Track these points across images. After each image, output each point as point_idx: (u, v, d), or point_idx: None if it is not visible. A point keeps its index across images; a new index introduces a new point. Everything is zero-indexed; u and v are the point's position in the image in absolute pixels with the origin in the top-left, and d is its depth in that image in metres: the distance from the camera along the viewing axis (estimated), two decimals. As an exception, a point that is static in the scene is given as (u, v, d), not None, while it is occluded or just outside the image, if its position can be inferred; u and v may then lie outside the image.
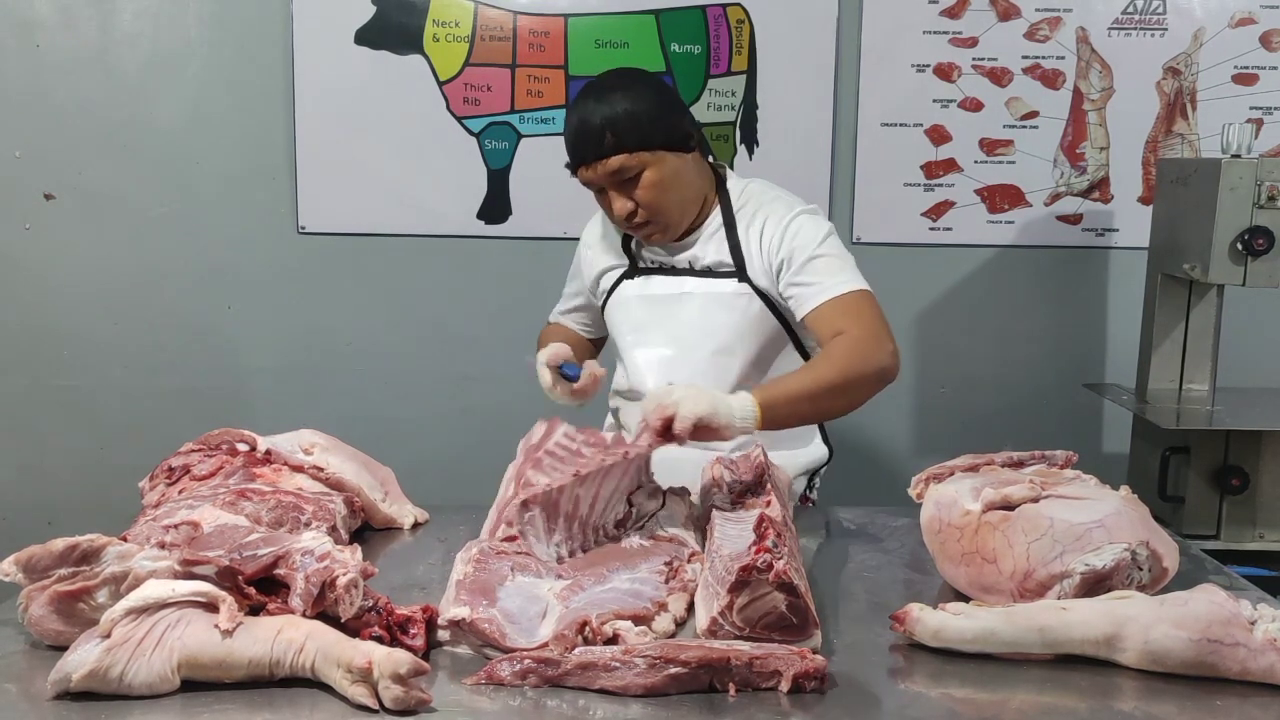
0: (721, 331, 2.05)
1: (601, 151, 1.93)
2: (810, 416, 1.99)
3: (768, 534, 1.41)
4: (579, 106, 1.97)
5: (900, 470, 3.18)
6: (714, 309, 2.05)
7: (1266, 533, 2.49)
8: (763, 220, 2.04)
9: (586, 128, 1.93)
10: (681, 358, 2.06)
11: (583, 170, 1.97)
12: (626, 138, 1.93)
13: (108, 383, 3.14)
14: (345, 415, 2.90)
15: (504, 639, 1.36)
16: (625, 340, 2.14)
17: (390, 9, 3.00)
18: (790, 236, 1.99)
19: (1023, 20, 3.01)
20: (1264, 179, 2.37)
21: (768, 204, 2.06)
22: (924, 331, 3.16)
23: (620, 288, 2.15)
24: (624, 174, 1.94)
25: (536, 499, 1.63)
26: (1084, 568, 1.42)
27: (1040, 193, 3.09)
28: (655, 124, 1.95)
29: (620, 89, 1.96)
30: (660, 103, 1.99)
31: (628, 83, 1.99)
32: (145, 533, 1.51)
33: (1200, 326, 2.66)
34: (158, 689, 1.26)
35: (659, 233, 2.03)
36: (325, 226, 3.09)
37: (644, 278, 2.12)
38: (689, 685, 1.28)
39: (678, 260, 2.09)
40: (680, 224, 2.04)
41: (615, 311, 2.16)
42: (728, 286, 2.05)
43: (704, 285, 2.06)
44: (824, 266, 1.96)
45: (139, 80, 3.03)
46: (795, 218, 2.01)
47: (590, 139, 1.93)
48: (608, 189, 1.98)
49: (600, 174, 1.95)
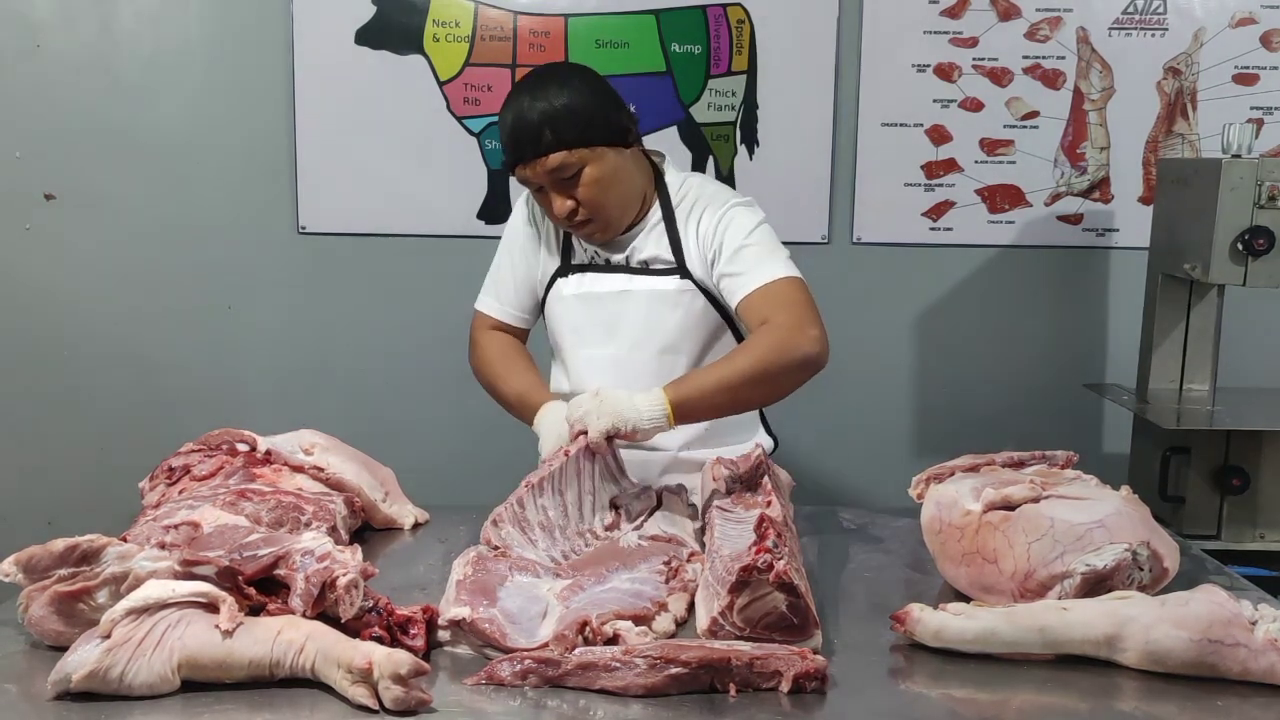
0: (667, 330, 2.01)
1: (540, 149, 1.87)
2: (729, 408, 1.89)
3: (768, 534, 1.40)
4: (514, 103, 1.90)
5: (900, 470, 3.17)
6: (658, 307, 2.01)
7: (1267, 533, 2.49)
8: (700, 212, 2.01)
9: (523, 125, 1.87)
10: (627, 358, 2.02)
11: (521, 169, 1.91)
12: (565, 134, 1.87)
13: (108, 383, 3.14)
14: (345, 415, 2.90)
15: (504, 639, 1.36)
16: (566, 341, 2.08)
17: (390, 9, 3.00)
18: (724, 228, 1.97)
19: (1023, 20, 3.01)
20: (1264, 179, 2.37)
21: (705, 197, 2.03)
22: (924, 331, 3.16)
23: (556, 285, 2.08)
24: (564, 172, 1.89)
25: (503, 516, 1.67)
26: (1085, 568, 1.42)
27: (1041, 193, 3.09)
28: (594, 119, 1.90)
29: (555, 84, 1.90)
30: (598, 97, 1.93)
31: (563, 78, 1.93)
32: (145, 533, 1.51)
33: (1201, 326, 2.66)
34: (158, 689, 1.26)
35: (600, 231, 1.98)
36: (325, 226, 3.09)
37: (580, 275, 2.06)
38: (689, 685, 1.28)
39: (616, 257, 2.04)
40: (622, 221, 2.00)
41: (553, 309, 2.09)
42: (670, 284, 2.01)
43: (646, 283, 2.02)
44: (753, 255, 1.94)
45: (139, 80, 3.03)
46: (729, 209, 1.99)
47: (528, 136, 1.87)
48: (547, 188, 1.92)
49: (539, 172, 1.89)
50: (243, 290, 3.13)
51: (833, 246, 3.11)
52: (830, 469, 3.11)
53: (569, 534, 1.68)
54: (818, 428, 3.16)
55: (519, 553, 1.62)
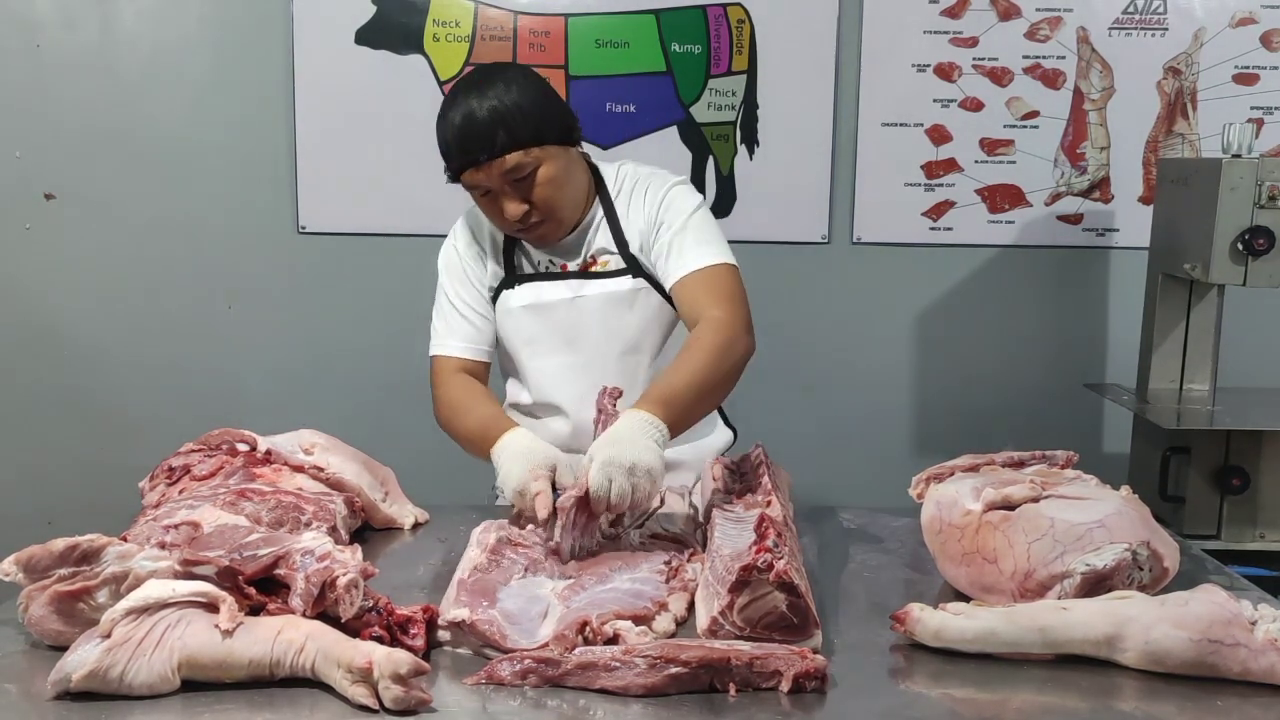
0: (626, 331, 1.99)
1: (494, 150, 1.82)
2: (700, 415, 1.84)
3: (768, 534, 1.40)
4: (459, 105, 1.84)
5: (900, 470, 3.16)
6: (615, 309, 1.99)
7: (1267, 533, 2.49)
8: (642, 193, 2.00)
9: (474, 125, 1.81)
10: (589, 363, 1.99)
11: (471, 173, 1.85)
12: (519, 133, 1.82)
13: (108, 383, 3.14)
14: (345, 415, 2.90)
15: (504, 640, 1.36)
16: (520, 353, 2.04)
17: (391, 9, 3.00)
18: (664, 207, 1.96)
19: (1023, 20, 3.01)
20: (1264, 179, 2.37)
21: (643, 178, 2.02)
22: (924, 331, 3.16)
23: (501, 299, 2.03)
24: (519, 172, 1.84)
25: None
26: (1084, 568, 1.42)
27: (1041, 193, 3.09)
28: (545, 117, 1.87)
29: (501, 83, 1.85)
30: (545, 95, 1.90)
31: (508, 77, 1.87)
32: (145, 533, 1.51)
33: (1201, 326, 2.66)
34: (158, 689, 1.26)
35: (552, 232, 1.95)
36: (325, 226, 3.09)
37: (526, 285, 2.01)
38: (689, 685, 1.28)
39: (570, 263, 2.01)
40: (571, 220, 1.97)
41: (502, 323, 2.04)
42: (624, 284, 1.99)
43: (599, 286, 1.99)
44: (692, 238, 1.93)
45: (139, 80, 3.03)
46: (671, 188, 1.99)
47: (480, 137, 1.81)
48: (498, 191, 1.87)
49: (493, 175, 1.84)
50: (243, 290, 3.13)
51: (833, 246, 3.11)
52: (830, 469, 3.11)
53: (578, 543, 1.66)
54: (818, 427, 3.16)
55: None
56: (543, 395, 2.04)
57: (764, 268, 3.10)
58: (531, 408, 2.07)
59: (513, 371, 2.10)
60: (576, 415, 2.00)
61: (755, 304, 1.97)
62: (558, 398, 2.02)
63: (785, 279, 3.09)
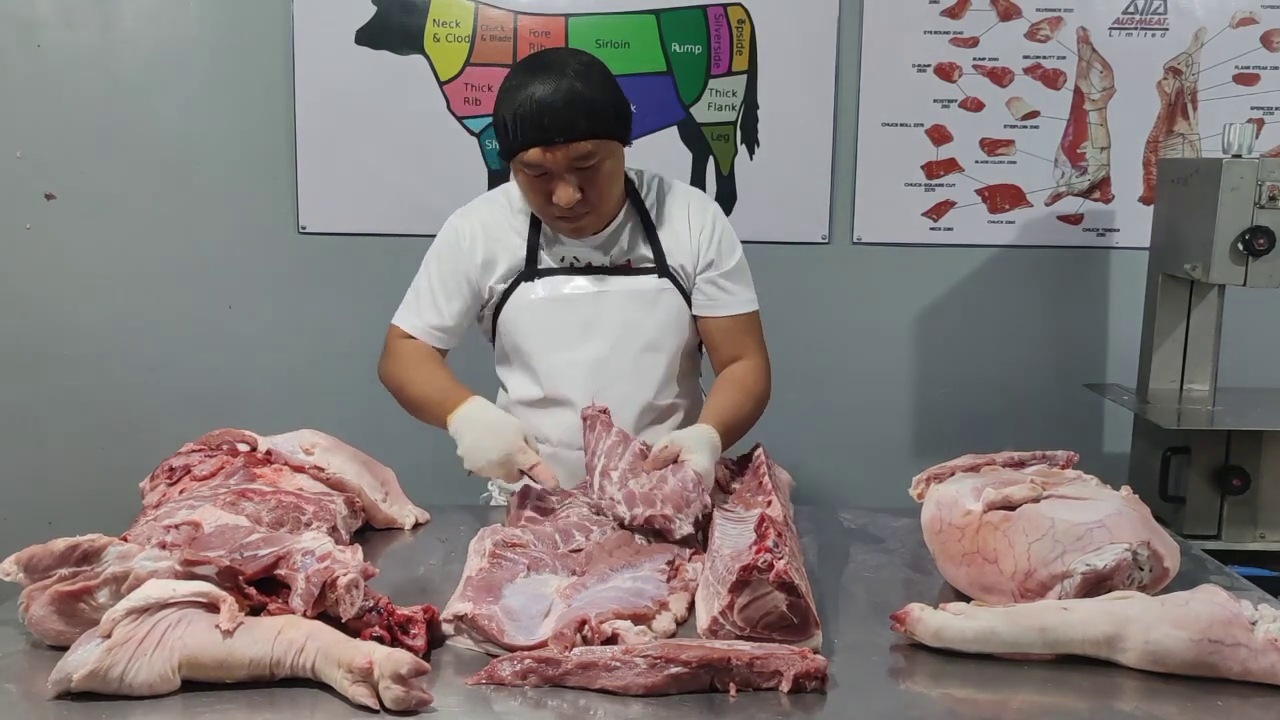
0: (647, 328, 2.01)
1: (573, 133, 1.81)
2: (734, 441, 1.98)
3: (768, 534, 1.40)
4: (538, 81, 1.81)
5: (900, 470, 3.15)
6: (637, 306, 2.01)
7: (1267, 533, 2.49)
8: (684, 210, 2.04)
9: (555, 106, 1.79)
10: (608, 358, 2.00)
11: (539, 152, 1.82)
12: (598, 123, 1.83)
13: (108, 383, 3.14)
14: (345, 415, 2.89)
15: (503, 636, 1.36)
16: (534, 345, 2.03)
17: (391, 9, 3.00)
18: (719, 236, 2.04)
19: (1023, 20, 3.01)
20: (1265, 179, 2.37)
21: (680, 193, 2.07)
22: (924, 331, 3.16)
23: (520, 291, 2.02)
24: (585, 160, 1.84)
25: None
26: (1085, 568, 1.42)
27: (1041, 193, 3.09)
28: (619, 112, 1.88)
29: (579, 67, 1.84)
30: (618, 91, 1.90)
31: (585, 62, 1.87)
32: (146, 533, 1.51)
33: (1201, 326, 2.66)
34: (158, 689, 1.26)
35: (593, 224, 1.96)
36: (325, 226, 3.09)
37: (548, 279, 2.01)
38: (690, 685, 1.28)
39: (597, 259, 2.02)
40: (611, 216, 1.98)
41: (518, 316, 2.02)
42: (648, 283, 2.01)
43: (623, 283, 2.01)
44: (741, 278, 2.07)
45: (139, 80, 3.03)
46: (718, 216, 2.07)
47: (559, 118, 1.80)
48: (558, 174, 1.85)
49: (563, 157, 1.83)
50: (243, 290, 3.13)
51: (833, 246, 3.11)
52: (830, 469, 3.11)
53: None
54: (818, 427, 3.16)
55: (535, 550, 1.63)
56: (555, 389, 2.02)
57: (764, 268, 3.08)
58: (541, 402, 2.06)
59: (520, 366, 2.07)
60: None
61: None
62: (572, 392, 2.01)
63: (785, 279, 3.09)
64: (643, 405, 2.02)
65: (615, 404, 1.93)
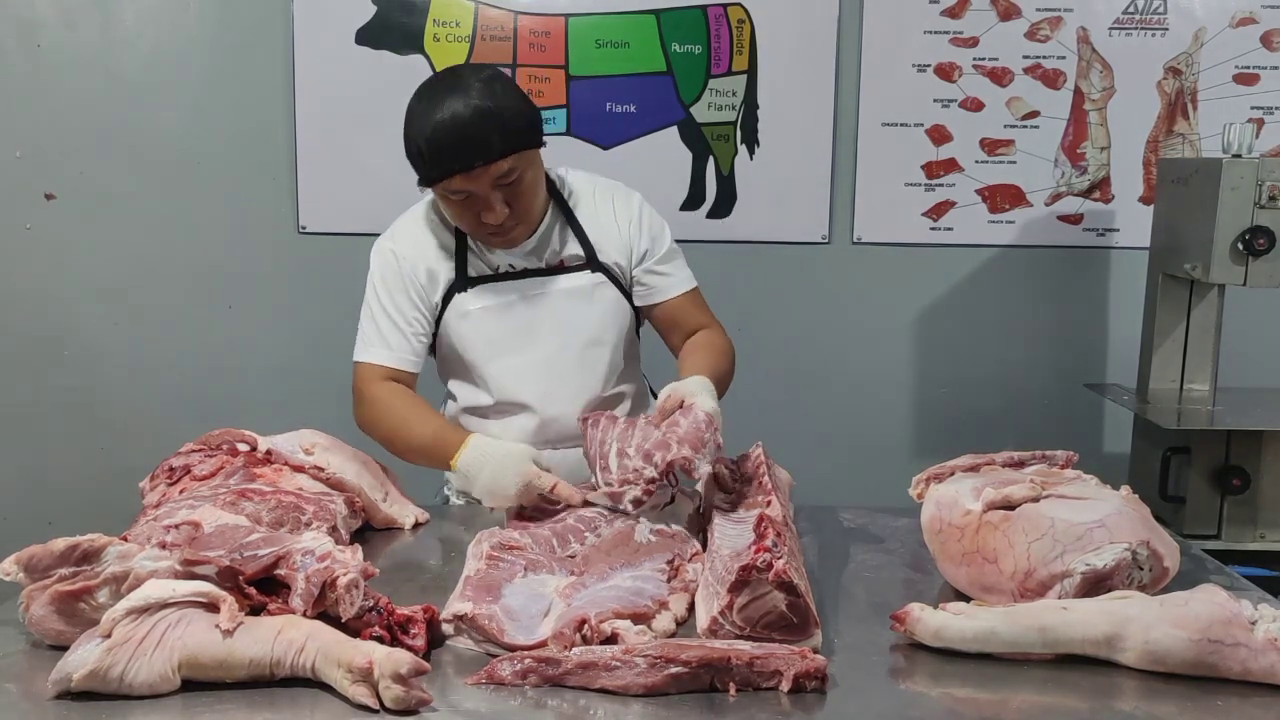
0: (588, 324, 2.03)
1: (491, 154, 1.80)
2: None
3: (767, 533, 1.40)
4: (441, 106, 1.80)
5: (900, 470, 3.15)
6: (575, 303, 2.02)
7: (1267, 533, 2.49)
8: (609, 204, 2.06)
9: (465, 129, 1.78)
10: (554, 357, 2.02)
11: (461, 179, 1.82)
12: (512, 138, 1.82)
13: (108, 383, 3.14)
14: (346, 415, 2.88)
15: (502, 635, 1.36)
16: (478, 354, 2.02)
17: (391, 9, 3.00)
18: (648, 225, 2.07)
19: (1023, 20, 3.01)
20: (1265, 179, 2.37)
21: (601, 188, 2.08)
22: (924, 331, 3.16)
23: (455, 303, 2.01)
24: (508, 177, 1.83)
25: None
26: (1085, 567, 1.42)
27: (1041, 193, 3.09)
28: (531, 121, 1.87)
29: (479, 83, 1.82)
30: (524, 99, 1.89)
31: (485, 77, 1.85)
32: (146, 533, 1.51)
33: (1201, 326, 2.66)
34: (158, 689, 1.26)
35: (522, 235, 1.96)
36: (325, 226, 3.09)
37: (480, 288, 2.01)
38: (689, 685, 1.28)
39: (533, 263, 2.02)
40: (538, 221, 1.99)
41: (458, 327, 2.02)
42: (583, 279, 2.02)
43: (559, 283, 2.01)
44: (676, 259, 2.10)
45: (139, 80, 3.03)
46: (643, 205, 2.09)
47: (472, 141, 1.78)
48: (482, 196, 1.85)
49: (485, 179, 1.82)
50: (243, 290, 3.13)
51: (833, 246, 3.11)
52: (830, 469, 3.11)
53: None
54: (818, 427, 3.16)
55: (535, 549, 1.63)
56: (506, 394, 2.03)
57: (764, 268, 3.11)
58: (492, 408, 2.06)
59: (465, 376, 2.08)
60: (543, 410, 2.02)
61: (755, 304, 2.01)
62: (523, 395, 2.02)
63: (785, 279, 3.09)
64: (591, 398, 2.04)
65: (566, 399, 2.00)
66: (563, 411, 2.01)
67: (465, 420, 2.08)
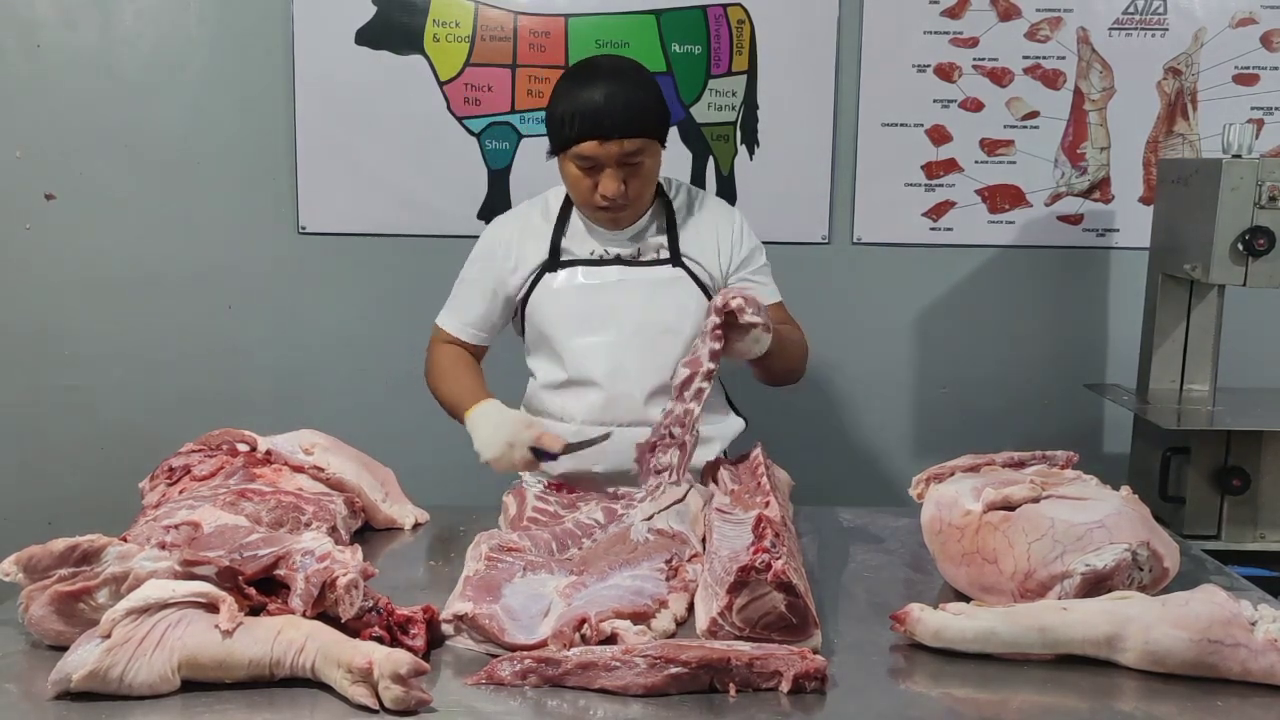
0: (666, 313, 2.13)
1: (628, 130, 1.97)
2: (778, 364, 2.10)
3: (766, 534, 1.41)
4: (598, 82, 1.99)
5: (900, 470, 3.17)
6: (655, 292, 2.14)
7: (1267, 533, 2.49)
8: (711, 214, 2.22)
9: (614, 104, 1.96)
10: (630, 340, 2.12)
11: (593, 145, 1.98)
12: (649, 123, 2.00)
13: (108, 383, 3.14)
14: (345, 415, 2.90)
15: (503, 635, 1.36)
16: (560, 330, 2.15)
17: (391, 9, 3.00)
18: (746, 237, 2.23)
19: (1023, 20, 3.01)
20: (1265, 179, 2.37)
21: (701, 202, 2.24)
22: (924, 331, 3.16)
23: (544, 281, 2.16)
24: (633, 157, 2.00)
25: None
26: (1085, 568, 1.42)
27: (1041, 193, 3.09)
28: (665, 117, 2.07)
29: (636, 75, 2.05)
30: (663, 98, 2.08)
31: (640, 69, 2.08)
32: (145, 533, 1.51)
33: (1201, 327, 2.66)
34: (158, 689, 1.26)
35: (628, 218, 2.11)
36: (325, 226, 3.09)
37: (569, 270, 2.15)
38: (689, 685, 1.28)
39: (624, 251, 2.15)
40: (644, 211, 2.15)
41: (544, 305, 2.16)
42: (664, 273, 2.15)
43: (641, 273, 2.15)
44: (768, 276, 2.26)
45: (139, 80, 3.03)
46: (743, 220, 2.24)
47: (617, 115, 1.96)
48: (608, 167, 2.00)
49: (614, 151, 1.98)
50: (243, 290, 3.12)
51: (833, 246, 3.11)
52: (830, 469, 3.11)
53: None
54: (818, 427, 3.16)
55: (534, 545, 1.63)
56: (579, 371, 2.14)
57: (764, 268, 3.10)
58: (566, 384, 2.17)
59: (546, 352, 2.20)
60: (610, 388, 2.12)
61: (755, 304, 2.00)
62: (594, 373, 2.13)
63: (785, 279, 3.06)
64: (658, 384, 2.11)
65: (633, 379, 2.11)
66: (628, 391, 2.12)
67: (541, 395, 2.21)
